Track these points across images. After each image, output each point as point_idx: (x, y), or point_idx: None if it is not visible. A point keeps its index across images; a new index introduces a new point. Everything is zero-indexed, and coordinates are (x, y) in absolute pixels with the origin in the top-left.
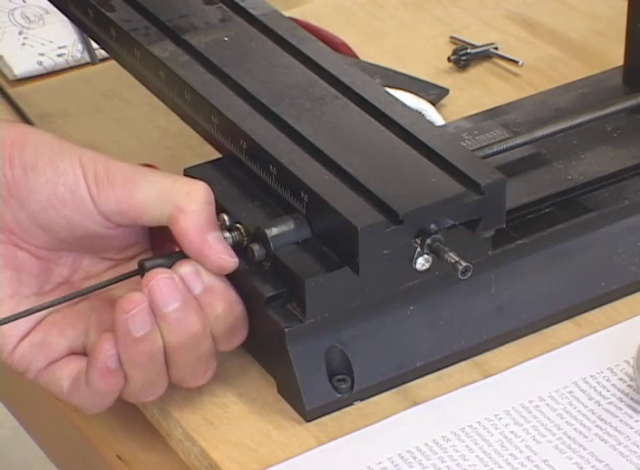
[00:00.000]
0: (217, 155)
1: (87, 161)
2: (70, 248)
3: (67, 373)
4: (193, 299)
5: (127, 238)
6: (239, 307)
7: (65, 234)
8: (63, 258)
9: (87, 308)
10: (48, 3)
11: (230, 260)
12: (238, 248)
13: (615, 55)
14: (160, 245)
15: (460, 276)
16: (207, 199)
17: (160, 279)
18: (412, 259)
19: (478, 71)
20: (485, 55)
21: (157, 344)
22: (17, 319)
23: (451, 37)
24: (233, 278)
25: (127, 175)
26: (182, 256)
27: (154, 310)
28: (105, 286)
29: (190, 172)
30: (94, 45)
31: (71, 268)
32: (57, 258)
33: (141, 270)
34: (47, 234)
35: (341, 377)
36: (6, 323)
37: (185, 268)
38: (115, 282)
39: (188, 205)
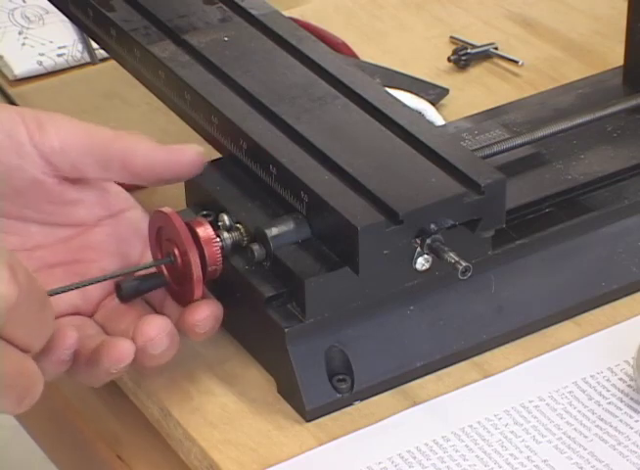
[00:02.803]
0: (217, 155)
1: (25, 110)
2: (12, 210)
3: None
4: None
5: (65, 191)
6: (221, 309)
7: (3, 187)
8: (8, 227)
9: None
10: (48, 3)
11: (196, 146)
12: (238, 248)
13: (615, 55)
14: (159, 245)
15: (460, 276)
16: None
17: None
18: (412, 259)
19: (478, 71)
20: (485, 55)
21: None
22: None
23: (451, 37)
24: (233, 278)
25: (71, 120)
26: (158, 278)
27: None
28: (104, 280)
29: None
30: (94, 45)
31: (21, 237)
32: (3, 227)
33: (118, 292)
34: None
35: (341, 377)
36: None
37: (202, 314)
38: (100, 281)
39: (136, 134)
